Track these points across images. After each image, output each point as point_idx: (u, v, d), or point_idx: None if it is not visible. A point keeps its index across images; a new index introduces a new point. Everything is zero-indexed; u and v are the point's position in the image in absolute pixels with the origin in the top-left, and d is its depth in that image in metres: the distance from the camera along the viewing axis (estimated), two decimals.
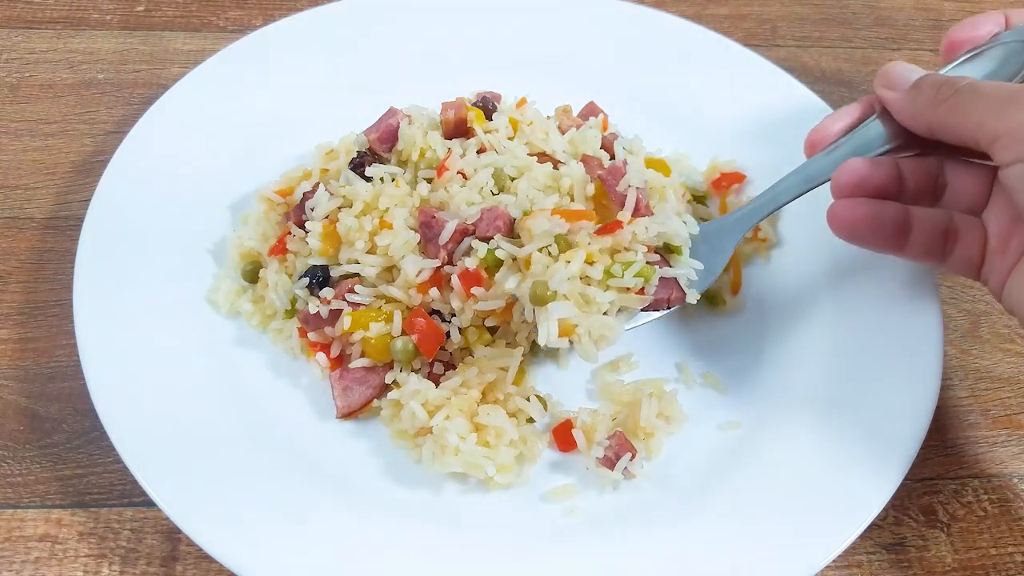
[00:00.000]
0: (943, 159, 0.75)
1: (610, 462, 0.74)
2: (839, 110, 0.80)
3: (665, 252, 0.78)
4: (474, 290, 0.75)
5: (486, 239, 0.76)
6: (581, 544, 0.71)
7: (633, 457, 0.74)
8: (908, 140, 0.75)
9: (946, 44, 0.79)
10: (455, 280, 0.75)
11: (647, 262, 0.76)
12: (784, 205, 0.80)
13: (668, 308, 0.77)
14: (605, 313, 0.74)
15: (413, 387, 0.75)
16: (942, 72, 0.76)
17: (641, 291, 0.75)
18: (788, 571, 0.68)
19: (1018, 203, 0.66)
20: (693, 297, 0.77)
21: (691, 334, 0.85)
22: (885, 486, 0.72)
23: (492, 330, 0.79)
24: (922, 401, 0.76)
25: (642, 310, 0.76)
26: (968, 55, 0.77)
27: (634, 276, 0.74)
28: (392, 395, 0.76)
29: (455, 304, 0.76)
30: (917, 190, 0.74)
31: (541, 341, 0.71)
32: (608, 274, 0.74)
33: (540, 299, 0.71)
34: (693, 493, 0.74)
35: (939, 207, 0.75)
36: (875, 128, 0.77)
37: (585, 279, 0.74)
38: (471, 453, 0.72)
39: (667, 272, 0.77)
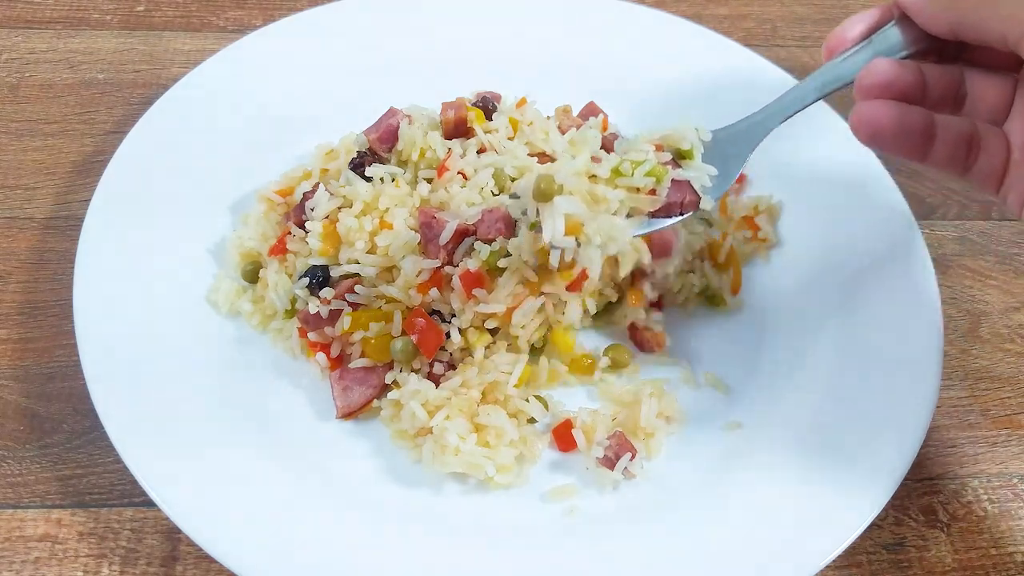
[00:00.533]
0: (963, 67, 0.72)
1: (610, 462, 0.74)
2: (856, 15, 0.75)
3: (677, 158, 0.75)
4: (475, 291, 0.75)
5: (488, 240, 0.76)
6: (581, 544, 0.71)
7: (633, 457, 0.74)
8: (929, 45, 0.72)
9: (825, 51, 0.76)
10: (456, 281, 0.75)
11: (658, 162, 0.72)
12: (800, 111, 0.76)
13: (681, 214, 0.73)
14: (614, 213, 0.70)
15: (413, 387, 0.75)
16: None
17: (652, 192, 0.71)
18: (788, 571, 0.68)
19: None
20: (708, 203, 0.73)
21: (692, 334, 0.85)
22: (885, 486, 0.72)
23: (493, 331, 0.79)
24: (922, 401, 0.76)
25: (653, 215, 0.73)
26: (854, 50, 0.74)
27: (644, 175, 0.70)
28: (392, 395, 0.76)
29: (455, 305, 0.76)
30: (940, 97, 0.71)
31: (546, 237, 0.67)
32: (617, 172, 0.70)
33: (545, 194, 0.67)
34: (693, 493, 0.74)
35: (963, 115, 0.72)
36: (894, 34, 0.73)
37: (593, 178, 0.71)
38: (471, 453, 0.72)
39: (679, 174, 0.73)
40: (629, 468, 0.74)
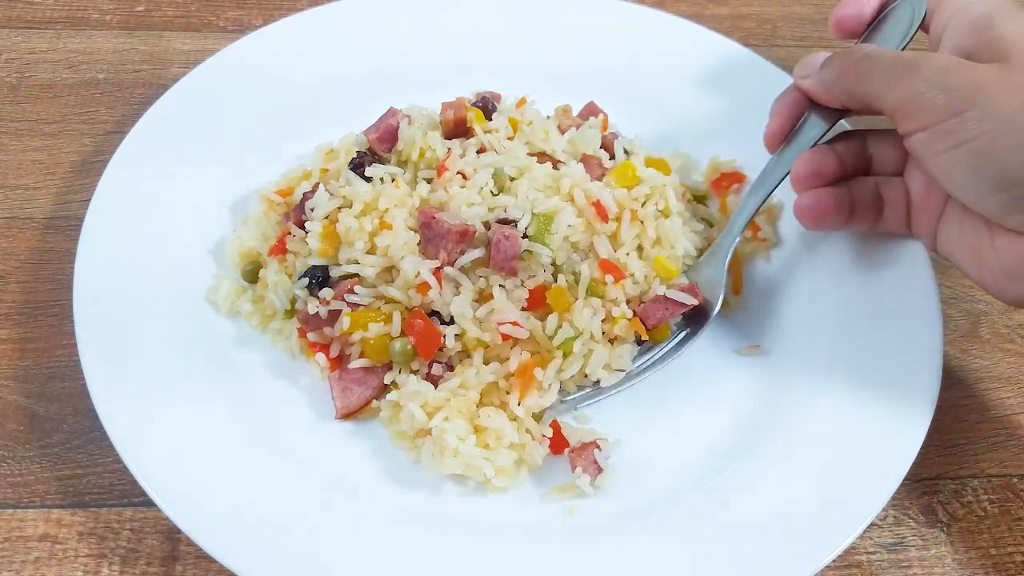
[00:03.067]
0: (864, 133, 0.82)
1: (596, 470, 0.74)
2: (776, 102, 0.85)
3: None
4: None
5: (501, 272, 0.77)
6: (581, 544, 0.71)
7: (600, 447, 0.75)
8: (838, 118, 0.81)
9: (832, 23, 0.84)
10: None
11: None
12: (752, 218, 0.84)
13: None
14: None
15: (412, 388, 0.75)
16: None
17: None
18: (789, 571, 0.68)
19: (925, 168, 0.72)
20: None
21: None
22: (885, 486, 0.72)
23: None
24: (922, 401, 0.76)
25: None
26: (867, 33, 0.82)
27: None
28: (391, 396, 0.76)
29: (455, 309, 0.76)
30: (853, 167, 0.81)
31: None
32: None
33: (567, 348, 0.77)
34: (693, 493, 0.74)
35: (871, 175, 0.82)
36: (810, 122, 0.82)
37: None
38: (470, 455, 0.72)
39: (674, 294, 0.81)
40: (599, 461, 0.75)
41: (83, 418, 0.78)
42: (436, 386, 0.76)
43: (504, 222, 0.78)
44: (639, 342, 0.81)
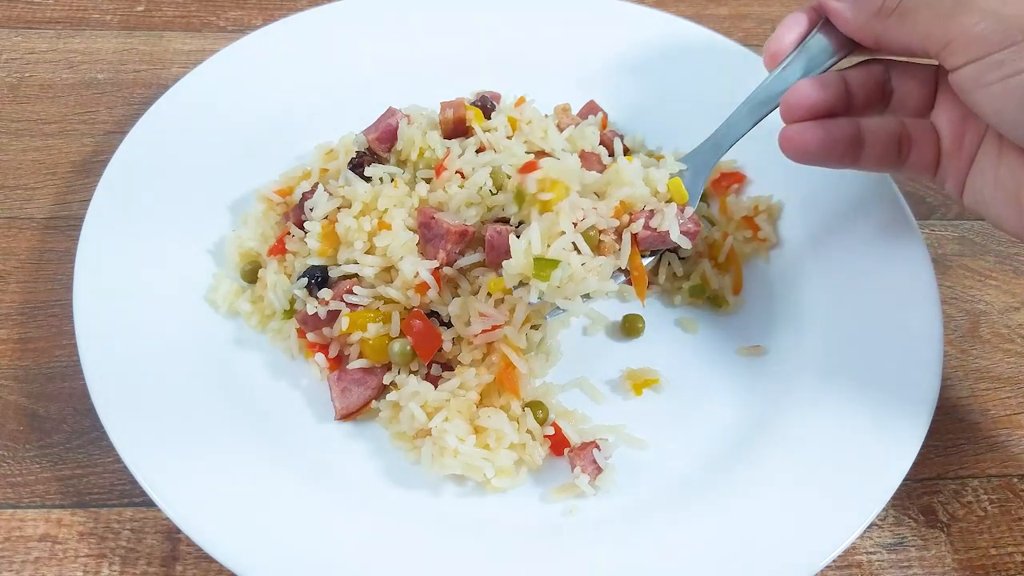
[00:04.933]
0: (888, 65, 0.76)
1: (595, 469, 0.74)
2: (790, 17, 0.78)
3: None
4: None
5: (495, 267, 0.76)
6: (581, 544, 0.71)
7: (599, 447, 0.75)
8: (854, 48, 0.76)
9: (766, 58, 0.79)
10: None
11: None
12: (741, 138, 0.80)
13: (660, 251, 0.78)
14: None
15: (412, 389, 0.75)
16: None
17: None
18: (789, 571, 0.68)
19: (971, 103, 0.67)
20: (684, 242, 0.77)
21: (692, 333, 0.85)
22: (885, 486, 0.72)
23: None
24: (922, 401, 0.76)
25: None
26: (784, 64, 0.78)
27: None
28: (391, 396, 0.76)
29: (452, 310, 0.76)
30: (866, 100, 0.75)
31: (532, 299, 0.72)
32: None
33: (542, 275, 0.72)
34: (693, 493, 0.74)
35: (888, 113, 0.76)
36: (820, 41, 0.76)
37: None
38: (470, 455, 0.72)
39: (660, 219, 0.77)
40: (598, 461, 0.74)
41: (83, 418, 0.78)
42: (436, 386, 0.76)
43: (502, 220, 0.78)
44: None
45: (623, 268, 0.77)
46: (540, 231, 0.73)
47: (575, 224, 0.74)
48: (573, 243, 0.73)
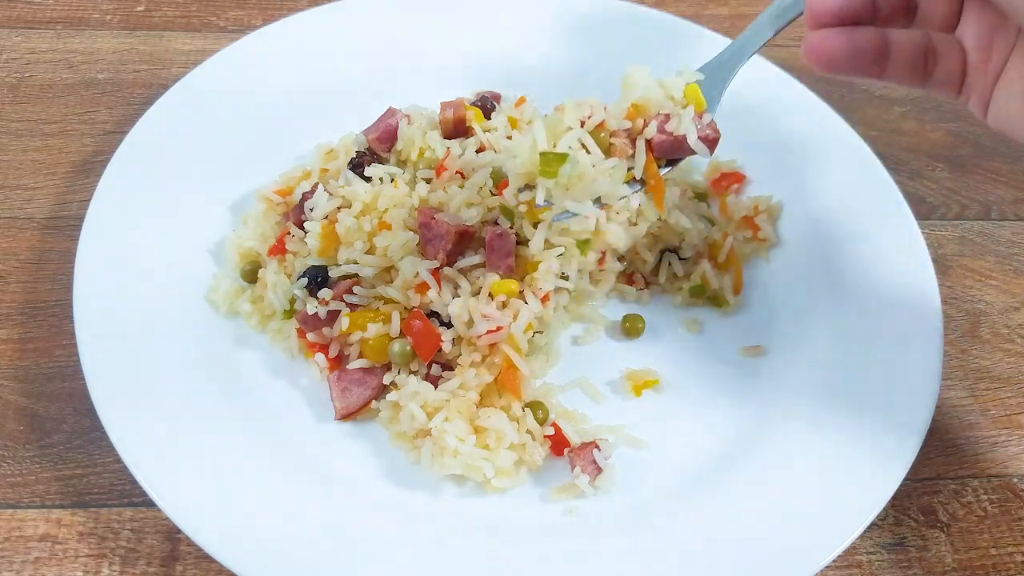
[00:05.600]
0: None
1: (595, 469, 0.74)
2: None
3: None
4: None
5: (496, 268, 0.77)
6: (581, 544, 0.71)
7: (599, 447, 0.75)
8: None
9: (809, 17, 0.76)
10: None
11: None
12: (763, 45, 0.78)
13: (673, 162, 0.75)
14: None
15: (412, 388, 0.75)
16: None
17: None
18: (788, 571, 0.68)
19: (1000, 4, 0.65)
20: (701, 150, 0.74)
21: (692, 334, 0.85)
22: (885, 486, 0.72)
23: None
24: (922, 401, 0.76)
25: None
26: None
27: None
28: (391, 396, 0.76)
29: (452, 310, 0.76)
30: (890, 12, 0.73)
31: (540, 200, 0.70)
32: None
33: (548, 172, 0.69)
34: (693, 493, 0.74)
35: (914, 27, 0.73)
36: None
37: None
38: (469, 455, 0.72)
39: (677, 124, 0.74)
40: (598, 461, 0.74)
41: (83, 418, 0.78)
42: (436, 386, 0.76)
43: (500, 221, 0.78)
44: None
45: (639, 178, 0.74)
46: (545, 128, 0.70)
47: (582, 123, 0.71)
48: (581, 143, 0.70)
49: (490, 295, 0.76)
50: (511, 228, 0.78)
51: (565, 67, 1.00)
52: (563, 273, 0.79)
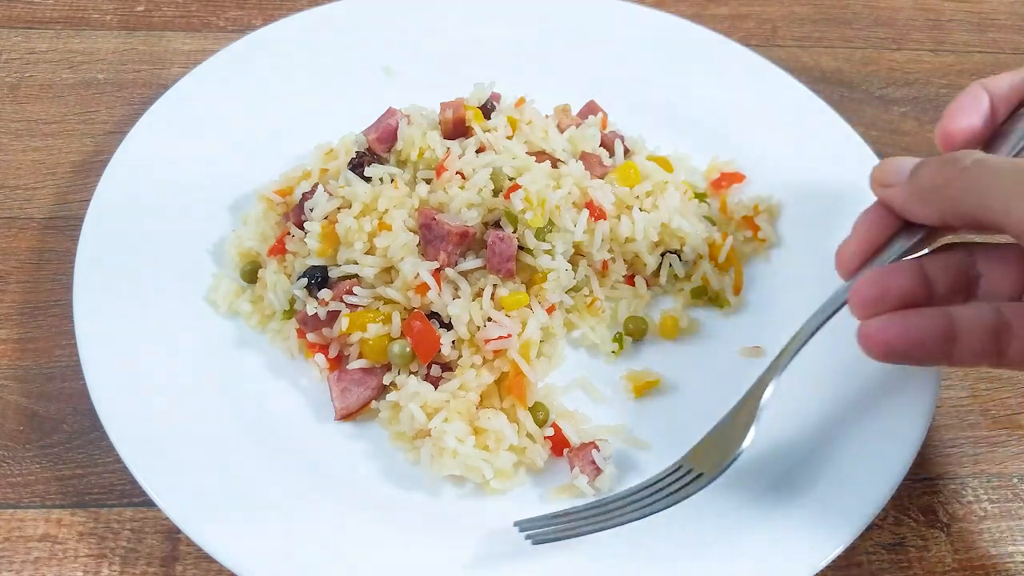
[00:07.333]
0: (971, 248, 0.68)
1: (596, 471, 0.74)
2: (857, 227, 0.71)
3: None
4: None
5: (497, 271, 0.77)
6: (581, 544, 0.71)
7: (598, 448, 0.75)
8: (926, 235, 0.68)
9: (940, 138, 0.71)
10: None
11: None
12: (806, 343, 0.72)
13: None
14: None
15: (412, 389, 0.75)
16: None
17: None
18: (788, 571, 0.68)
19: None
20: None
21: (692, 333, 0.85)
22: (885, 486, 0.72)
23: None
24: (922, 401, 0.76)
25: None
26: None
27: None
28: (391, 396, 0.76)
29: (453, 311, 0.76)
30: (949, 287, 0.66)
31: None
32: None
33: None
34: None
35: (979, 300, 0.67)
36: (896, 247, 0.69)
37: None
38: (469, 456, 0.72)
39: None
40: (597, 462, 0.74)
41: (83, 418, 0.78)
42: (436, 387, 0.76)
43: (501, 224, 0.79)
44: None
45: None
46: None
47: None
48: None
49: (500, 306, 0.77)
50: (513, 232, 0.78)
51: (565, 67, 1.00)
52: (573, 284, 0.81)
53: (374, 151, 0.85)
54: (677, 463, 0.71)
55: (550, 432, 0.76)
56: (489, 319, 0.76)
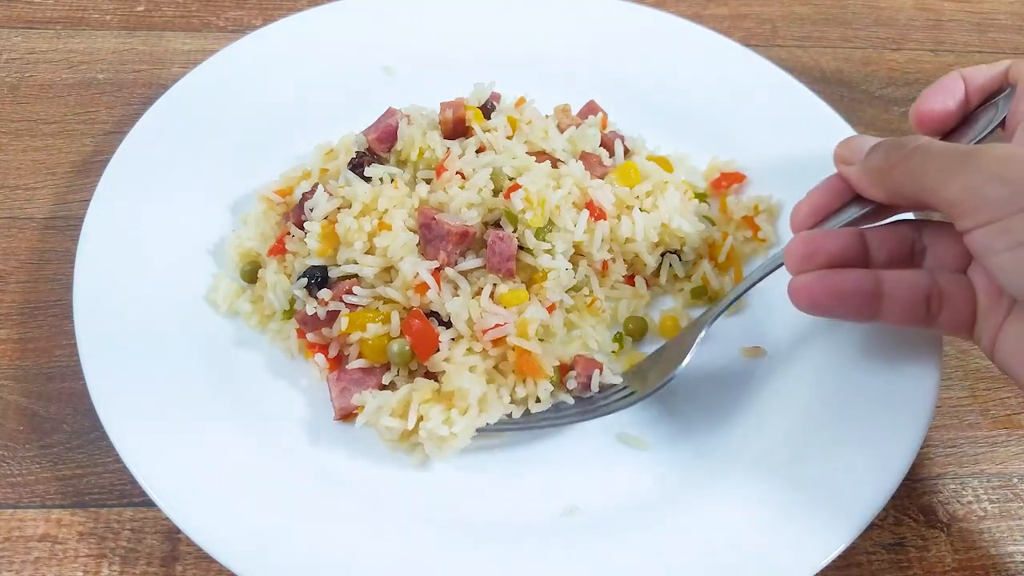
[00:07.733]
0: (920, 223, 0.74)
1: (584, 386, 0.76)
2: (813, 192, 0.76)
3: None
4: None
5: (497, 271, 0.77)
6: (581, 544, 0.71)
7: (601, 370, 0.76)
8: (878, 209, 0.73)
9: (914, 118, 0.75)
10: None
11: None
12: (748, 289, 0.79)
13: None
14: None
15: (375, 404, 0.75)
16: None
17: None
18: (788, 571, 0.68)
19: (986, 268, 0.63)
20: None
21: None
22: (885, 486, 0.72)
23: None
24: (922, 401, 0.76)
25: None
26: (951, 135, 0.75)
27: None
28: (359, 421, 0.76)
29: (452, 308, 0.76)
30: (889, 256, 0.72)
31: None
32: None
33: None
34: (694, 492, 0.74)
35: (923, 268, 0.72)
36: (847, 214, 0.74)
37: None
38: (463, 427, 0.73)
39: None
40: (592, 381, 0.76)
41: (83, 418, 0.78)
42: (438, 383, 0.76)
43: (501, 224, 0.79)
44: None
45: None
46: None
47: None
48: None
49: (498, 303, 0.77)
50: (513, 232, 0.78)
51: (565, 67, 1.00)
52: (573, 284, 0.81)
53: (374, 151, 0.85)
54: (620, 383, 0.78)
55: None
56: (487, 311, 0.76)
